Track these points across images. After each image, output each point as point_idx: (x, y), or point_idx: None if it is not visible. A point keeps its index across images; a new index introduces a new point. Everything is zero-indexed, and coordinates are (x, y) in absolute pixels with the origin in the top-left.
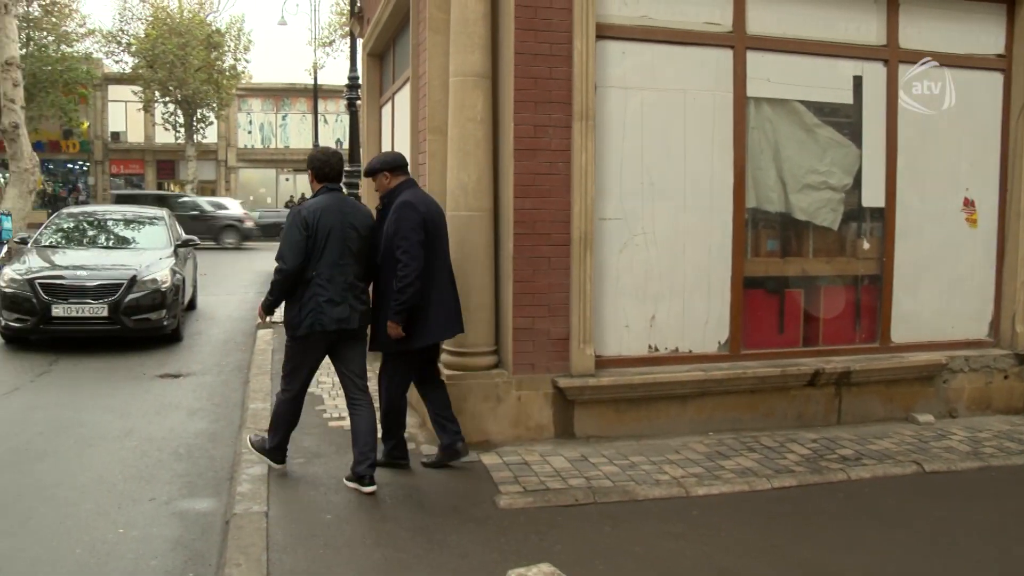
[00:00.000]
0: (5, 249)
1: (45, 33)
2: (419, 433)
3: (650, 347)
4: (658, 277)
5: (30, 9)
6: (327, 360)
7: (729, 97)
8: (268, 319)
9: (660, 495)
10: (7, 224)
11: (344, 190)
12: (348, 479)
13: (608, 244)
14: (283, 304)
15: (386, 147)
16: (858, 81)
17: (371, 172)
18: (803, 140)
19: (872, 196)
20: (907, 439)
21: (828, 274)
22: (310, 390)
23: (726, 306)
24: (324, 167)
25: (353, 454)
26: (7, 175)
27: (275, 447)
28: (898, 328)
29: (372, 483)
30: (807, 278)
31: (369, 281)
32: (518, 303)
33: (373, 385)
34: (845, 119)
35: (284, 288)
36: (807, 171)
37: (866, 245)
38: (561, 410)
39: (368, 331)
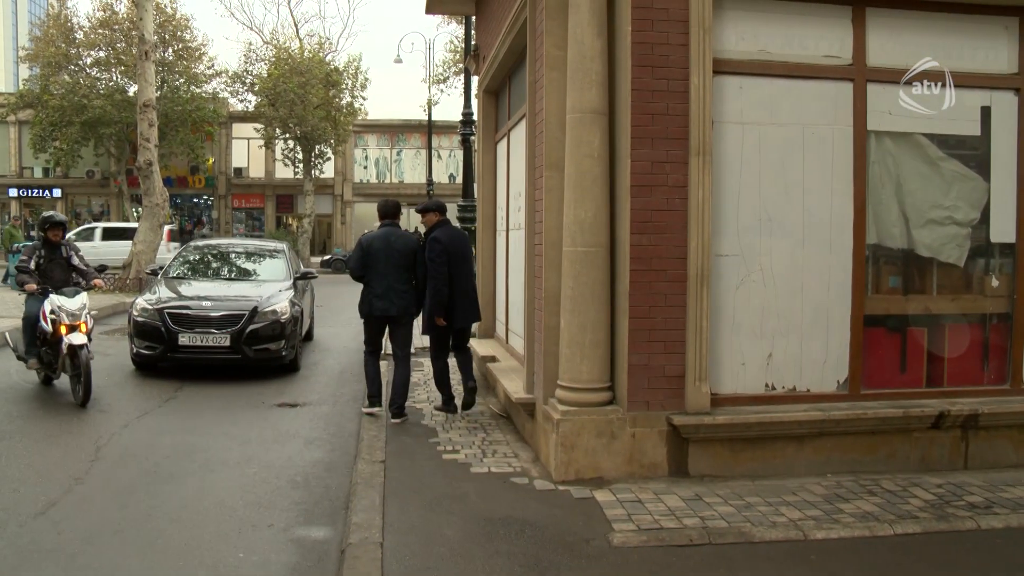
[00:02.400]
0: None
1: (177, 75)
2: (532, 468)
3: (767, 385)
4: (775, 314)
5: (165, 54)
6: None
7: (849, 131)
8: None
9: (777, 537)
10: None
11: (399, 225)
12: (381, 411)
13: (724, 280)
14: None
15: (501, 183)
16: (986, 112)
17: (423, 210)
18: (927, 174)
19: (1002, 231)
20: None
21: (953, 312)
22: (423, 422)
23: (845, 344)
24: (380, 211)
25: (390, 395)
26: (140, 209)
27: (369, 395)
28: None
29: (397, 416)
30: (931, 316)
31: (411, 282)
32: (633, 339)
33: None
34: (972, 151)
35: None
36: (931, 206)
37: (995, 282)
38: (675, 448)
39: (413, 320)
